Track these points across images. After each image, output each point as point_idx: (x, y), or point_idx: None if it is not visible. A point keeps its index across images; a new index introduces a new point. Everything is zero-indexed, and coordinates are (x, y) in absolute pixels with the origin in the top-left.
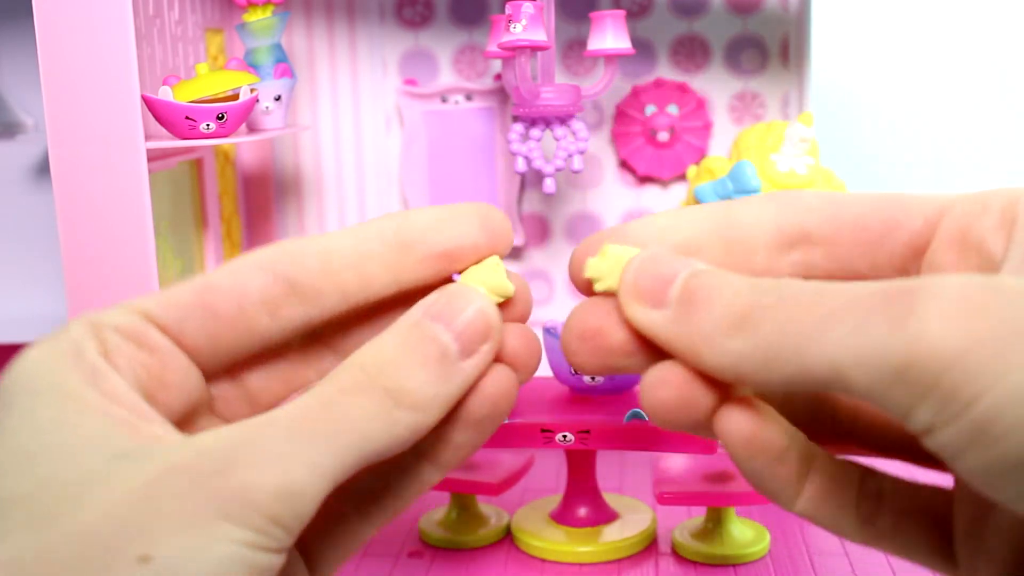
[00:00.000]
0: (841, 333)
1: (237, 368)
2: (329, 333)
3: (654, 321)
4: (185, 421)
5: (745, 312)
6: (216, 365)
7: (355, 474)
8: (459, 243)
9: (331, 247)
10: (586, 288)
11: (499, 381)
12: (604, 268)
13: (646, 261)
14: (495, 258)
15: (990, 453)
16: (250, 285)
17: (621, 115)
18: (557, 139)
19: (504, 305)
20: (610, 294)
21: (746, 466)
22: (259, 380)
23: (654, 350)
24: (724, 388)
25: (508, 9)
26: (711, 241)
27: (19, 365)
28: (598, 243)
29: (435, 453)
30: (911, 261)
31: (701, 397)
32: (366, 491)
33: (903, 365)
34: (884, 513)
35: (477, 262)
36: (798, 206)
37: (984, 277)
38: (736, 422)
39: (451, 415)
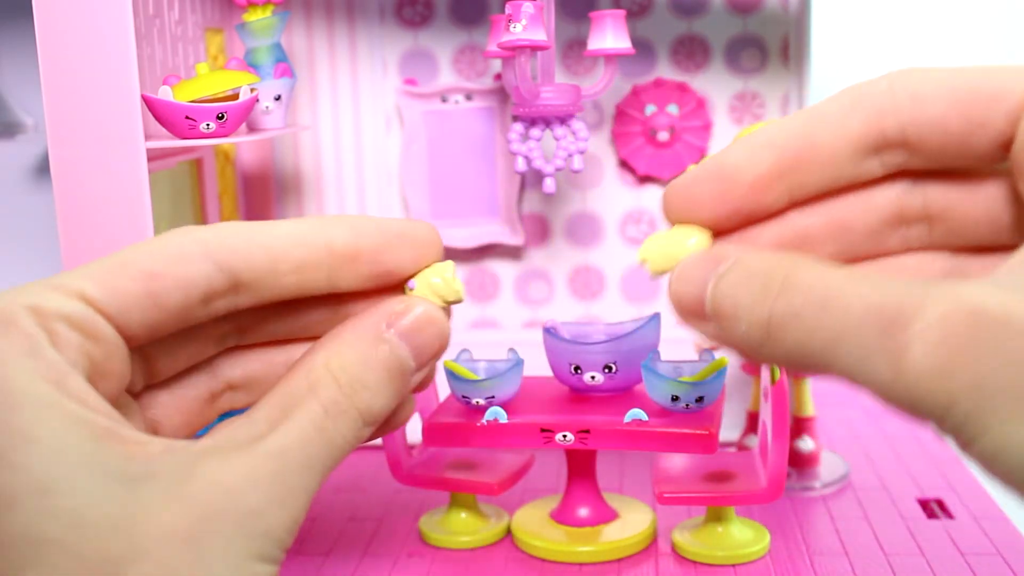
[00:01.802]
0: (850, 357)
1: (149, 344)
2: (241, 316)
3: (707, 332)
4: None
5: (764, 327)
6: (141, 344)
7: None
8: (404, 266)
9: (279, 249)
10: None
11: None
12: (650, 254)
13: (679, 280)
14: (450, 265)
15: (991, 469)
16: (196, 277)
17: (621, 115)
18: (557, 139)
19: None
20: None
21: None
22: (166, 356)
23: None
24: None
25: (508, 9)
26: (794, 165)
27: None
28: (689, 183)
29: None
30: (1002, 153)
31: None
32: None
33: (909, 406)
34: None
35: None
36: (879, 108)
37: (972, 302)
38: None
39: None
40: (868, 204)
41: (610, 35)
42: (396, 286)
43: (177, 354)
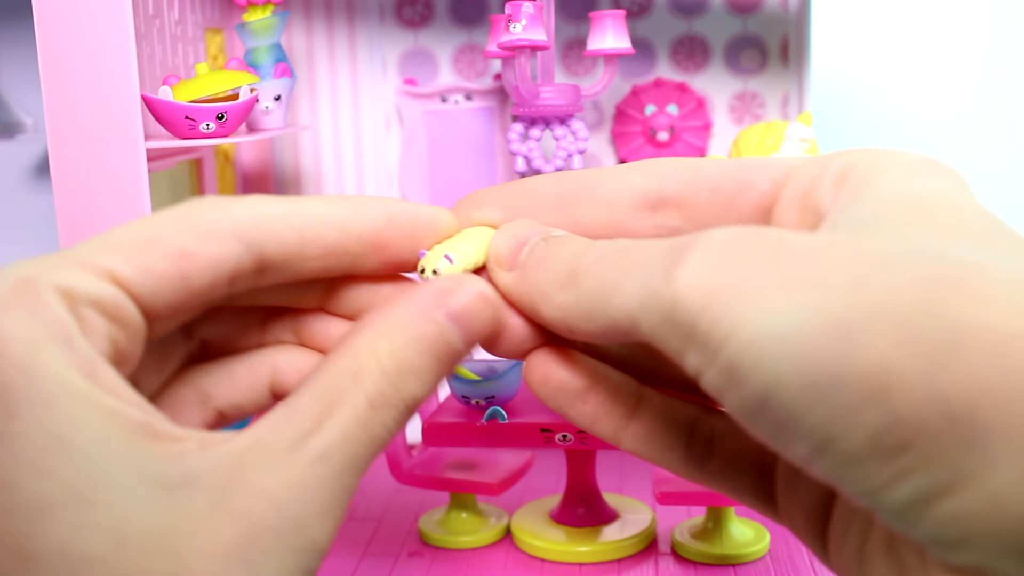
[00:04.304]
0: (634, 284)
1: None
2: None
3: (506, 281)
4: None
5: (571, 270)
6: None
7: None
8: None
9: (311, 232)
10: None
11: None
12: (458, 253)
13: (509, 229)
14: (486, 232)
15: (738, 395)
16: (228, 257)
17: (621, 115)
18: (557, 139)
19: None
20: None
21: (549, 403)
22: (217, 333)
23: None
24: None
25: (508, 9)
26: (575, 199)
27: (6, 351)
28: (476, 203)
29: None
30: (761, 222)
31: (567, 379)
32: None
33: (670, 310)
34: (714, 455)
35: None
36: (660, 171)
37: (755, 227)
38: (532, 365)
39: None
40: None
41: (610, 35)
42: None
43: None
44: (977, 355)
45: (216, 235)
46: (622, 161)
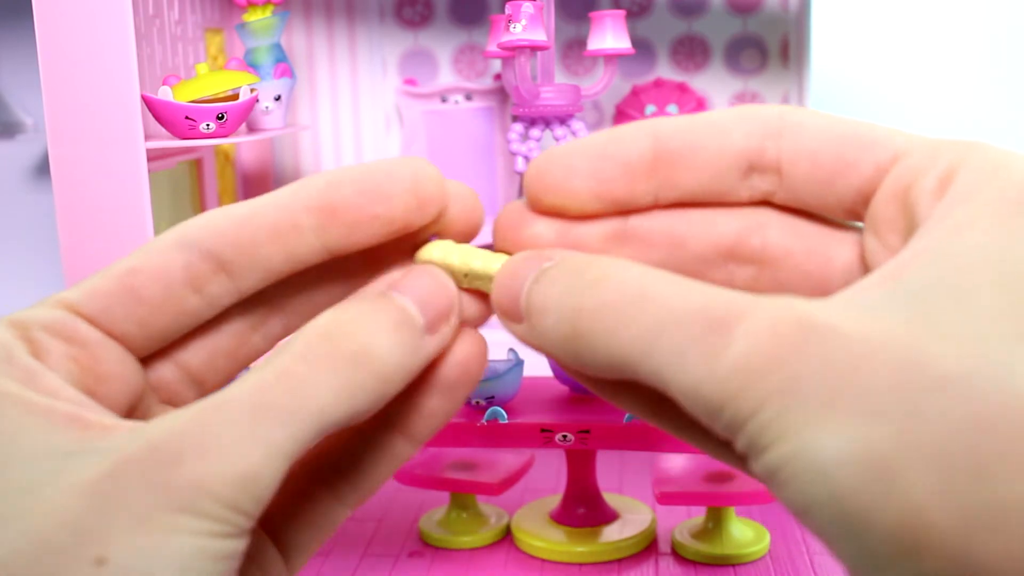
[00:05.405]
0: (665, 355)
1: (174, 350)
2: (270, 295)
3: (519, 333)
4: (132, 413)
5: (574, 321)
6: (151, 350)
7: (324, 452)
8: (405, 210)
9: (252, 219)
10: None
11: (469, 345)
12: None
13: (502, 276)
14: (475, 250)
15: (779, 494)
16: (173, 265)
17: (621, 115)
18: (557, 139)
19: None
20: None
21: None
22: (200, 359)
23: None
24: None
25: (508, 9)
26: (673, 159)
27: None
28: (567, 152)
29: (406, 425)
30: (860, 207)
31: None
32: (337, 469)
33: (715, 410)
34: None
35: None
36: (762, 129)
37: (804, 309)
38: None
39: (422, 383)
40: (710, 229)
41: (610, 35)
42: (415, 237)
43: (211, 352)
44: (1019, 529)
45: (156, 248)
46: None
